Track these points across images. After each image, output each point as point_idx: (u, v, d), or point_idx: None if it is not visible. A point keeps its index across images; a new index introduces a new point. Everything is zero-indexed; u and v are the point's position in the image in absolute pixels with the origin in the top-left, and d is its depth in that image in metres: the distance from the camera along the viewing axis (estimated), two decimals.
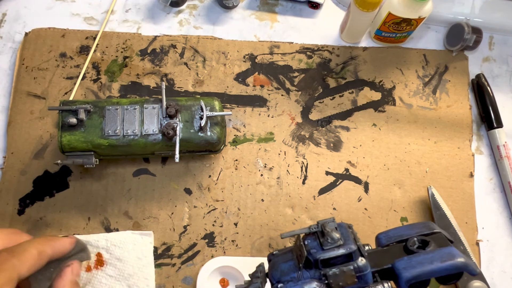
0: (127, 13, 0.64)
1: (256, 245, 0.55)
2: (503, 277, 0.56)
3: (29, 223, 0.55)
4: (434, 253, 0.38)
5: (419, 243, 0.41)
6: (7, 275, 0.34)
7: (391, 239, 0.42)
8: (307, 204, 0.57)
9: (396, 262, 0.39)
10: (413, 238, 0.41)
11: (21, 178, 0.56)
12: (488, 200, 0.59)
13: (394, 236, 0.42)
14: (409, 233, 0.42)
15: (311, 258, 0.39)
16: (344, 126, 0.60)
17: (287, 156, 0.59)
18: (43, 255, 0.39)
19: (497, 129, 0.59)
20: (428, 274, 0.38)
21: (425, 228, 0.42)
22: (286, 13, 0.65)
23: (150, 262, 0.53)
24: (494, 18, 0.64)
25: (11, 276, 0.35)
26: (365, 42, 0.64)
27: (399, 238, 0.42)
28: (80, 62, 0.61)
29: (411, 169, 0.59)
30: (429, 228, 0.42)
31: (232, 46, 0.62)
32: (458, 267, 0.37)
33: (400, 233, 0.42)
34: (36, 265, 0.38)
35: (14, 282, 0.35)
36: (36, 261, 0.38)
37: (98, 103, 0.52)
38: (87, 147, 0.51)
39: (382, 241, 0.43)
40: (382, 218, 0.57)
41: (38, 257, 0.38)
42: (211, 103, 0.53)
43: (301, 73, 0.62)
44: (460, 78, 0.63)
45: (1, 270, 0.34)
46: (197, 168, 0.57)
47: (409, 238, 0.41)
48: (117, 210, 0.55)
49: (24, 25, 0.63)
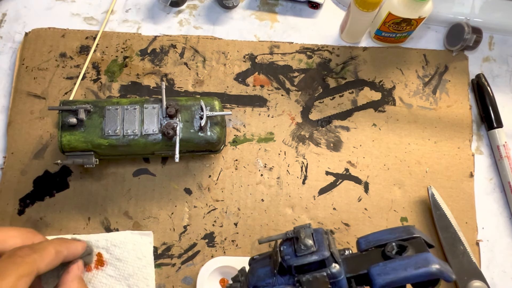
0: (127, 13, 0.64)
1: (256, 245, 0.55)
2: (503, 277, 0.56)
3: (29, 223, 0.55)
4: (410, 259, 0.38)
5: (397, 248, 0.40)
6: (29, 268, 0.38)
7: (370, 244, 0.41)
8: (307, 204, 0.57)
9: (371, 268, 0.39)
10: (391, 243, 0.40)
11: (21, 178, 0.56)
12: (488, 200, 0.59)
13: (373, 241, 0.42)
14: (388, 238, 0.41)
15: (285, 264, 0.39)
16: (344, 126, 0.60)
17: (287, 156, 0.59)
18: (60, 254, 0.43)
19: (497, 129, 0.59)
20: (401, 280, 0.37)
21: (404, 233, 0.41)
22: (286, 13, 0.65)
23: (150, 262, 0.53)
24: (494, 18, 0.64)
25: (32, 269, 0.38)
26: (365, 42, 0.64)
27: (378, 243, 0.41)
28: (80, 62, 0.61)
29: (411, 169, 0.59)
30: (408, 232, 0.41)
31: (232, 46, 0.62)
32: (433, 274, 0.37)
33: (380, 238, 0.41)
34: (53, 263, 0.42)
35: (33, 275, 0.39)
36: (54, 259, 0.42)
37: (98, 103, 0.52)
38: (87, 147, 0.51)
39: (362, 245, 0.42)
40: (382, 218, 0.57)
41: (56, 256, 0.42)
42: (211, 103, 0.53)
43: (301, 73, 0.62)
44: (460, 78, 0.63)
45: (24, 262, 0.38)
46: (197, 168, 0.57)
47: (387, 243, 0.40)
48: (117, 210, 0.56)
49: (24, 25, 0.63)
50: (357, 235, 0.56)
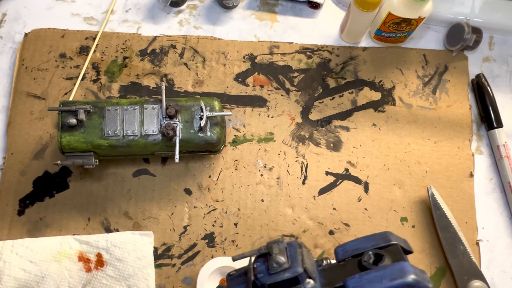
0: (127, 13, 0.64)
1: (256, 245, 0.55)
2: (503, 277, 0.56)
3: (29, 223, 0.55)
4: (386, 270, 0.36)
5: (374, 257, 0.39)
6: None
7: (347, 253, 0.40)
8: (307, 204, 0.57)
9: (347, 280, 0.37)
10: (368, 252, 0.39)
11: (21, 178, 0.56)
12: (488, 200, 0.59)
13: (350, 250, 0.40)
14: (365, 246, 0.40)
15: (258, 283, 0.38)
16: (344, 126, 0.60)
17: (287, 156, 0.59)
18: None
19: (497, 129, 0.59)
20: None
21: (382, 240, 0.40)
22: (286, 13, 0.65)
23: (150, 262, 0.53)
24: (494, 18, 0.64)
25: None
26: (365, 42, 0.64)
27: (355, 252, 0.40)
28: (80, 62, 0.61)
29: (411, 169, 0.59)
30: (386, 239, 0.40)
31: (232, 46, 0.62)
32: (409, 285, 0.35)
33: (357, 247, 0.40)
34: None
35: None
36: None
37: (98, 103, 0.52)
38: (87, 147, 0.51)
39: (339, 255, 0.41)
40: (382, 218, 0.57)
41: None
42: (211, 104, 0.53)
43: (301, 73, 0.62)
44: (460, 78, 0.63)
45: None
46: (197, 168, 0.57)
47: (364, 252, 0.39)
48: (117, 210, 0.56)
49: (24, 25, 0.63)
50: (357, 235, 0.56)
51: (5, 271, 0.51)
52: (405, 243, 0.40)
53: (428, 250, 0.56)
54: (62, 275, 0.51)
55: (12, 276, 0.51)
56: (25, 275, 0.51)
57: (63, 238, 0.53)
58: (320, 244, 0.55)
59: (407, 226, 0.57)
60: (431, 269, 0.55)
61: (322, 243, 0.56)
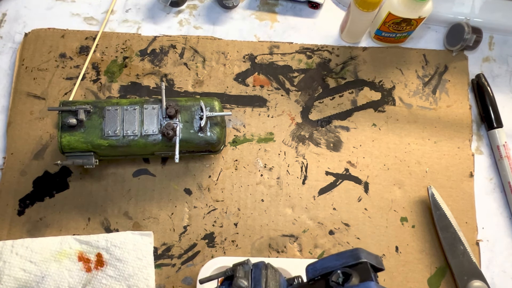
0: (127, 13, 0.64)
1: (256, 245, 0.55)
2: (503, 277, 0.56)
3: (29, 223, 0.55)
4: None
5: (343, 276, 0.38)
6: None
7: (317, 272, 0.39)
8: (307, 204, 0.57)
9: None
10: (336, 271, 0.38)
11: (21, 178, 0.56)
12: (488, 200, 0.59)
13: (320, 269, 0.39)
14: (334, 265, 0.39)
15: None
16: (344, 126, 0.60)
17: (287, 156, 0.59)
18: None
19: (497, 129, 0.59)
20: None
21: (351, 258, 0.39)
22: (286, 13, 0.65)
23: (150, 262, 0.53)
24: (494, 18, 0.64)
25: None
26: (365, 42, 0.64)
27: (324, 271, 0.39)
28: (80, 62, 0.61)
29: (411, 169, 0.59)
30: (355, 257, 0.39)
31: (232, 46, 0.62)
32: None
33: (326, 265, 0.39)
34: None
35: None
36: None
37: (98, 103, 0.52)
38: (87, 147, 0.51)
39: (309, 274, 0.40)
40: (382, 218, 0.57)
41: None
42: (211, 104, 0.53)
43: (301, 73, 0.62)
44: (460, 78, 0.63)
45: None
46: (197, 168, 0.57)
47: (333, 271, 0.38)
48: (117, 210, 0.56)
49: (24, 25, 0.63)
50: (357, 235, 0.56)
51: (5, 271, 0.51)
52: (376, 260, 0.39)
53: (428, 250, 0.56)
54: (62, 275, 0.51)
55: (12, 276, 0.51)
56: (25, 275, 0.51)
57: (63, 238, 0.53)
58: (320, 244, 0.55)
59: (407, 226, 0.57)
60: (431, 269, 0.55)
61: (322, 243, 0.56)
